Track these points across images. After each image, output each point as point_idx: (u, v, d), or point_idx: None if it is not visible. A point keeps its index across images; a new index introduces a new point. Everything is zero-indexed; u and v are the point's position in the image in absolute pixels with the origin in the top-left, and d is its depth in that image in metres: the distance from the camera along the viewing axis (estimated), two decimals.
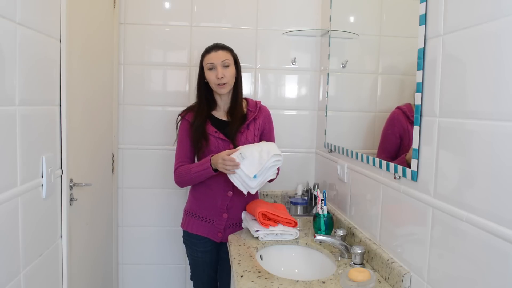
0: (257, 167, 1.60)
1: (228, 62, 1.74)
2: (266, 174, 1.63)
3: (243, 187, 1.65)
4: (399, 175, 1.23)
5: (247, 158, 1.60)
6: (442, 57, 1.01)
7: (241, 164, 1.59)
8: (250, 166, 1.60)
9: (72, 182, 1.52)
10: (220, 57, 1.73)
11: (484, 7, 0.86)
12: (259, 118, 1.83)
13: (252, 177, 1.60)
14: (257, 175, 1.60)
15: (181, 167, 1.78)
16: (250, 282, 1.26)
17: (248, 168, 1.60)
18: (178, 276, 2.32)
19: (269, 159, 1.61)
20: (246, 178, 1.61)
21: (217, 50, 1.75)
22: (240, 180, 1.63)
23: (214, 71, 1.73)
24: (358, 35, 1.74)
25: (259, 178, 1.62)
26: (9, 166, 1.06)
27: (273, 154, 1.62)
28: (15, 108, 1.08)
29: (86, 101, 1.72)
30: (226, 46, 1.79)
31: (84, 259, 1.74)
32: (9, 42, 1.03)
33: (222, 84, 1.73)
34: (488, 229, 0.83)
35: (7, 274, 1.06)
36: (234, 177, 1.64)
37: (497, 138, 0.82)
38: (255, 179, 1.61)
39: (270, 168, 1.63)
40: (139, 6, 2.16)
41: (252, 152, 1.62)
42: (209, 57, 1.74)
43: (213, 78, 1.73)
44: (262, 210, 1.64)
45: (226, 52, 1.76)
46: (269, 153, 1.62)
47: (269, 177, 1.66)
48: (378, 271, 1.32)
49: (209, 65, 1.73)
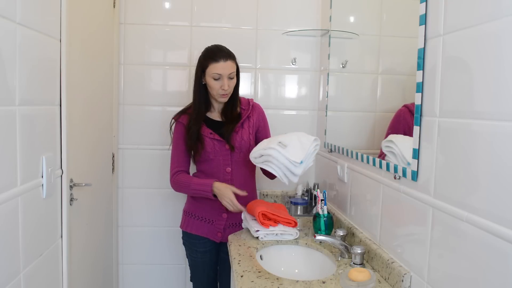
0: (301, 152, 1.54)
1: (234, 75, 1.73)
2: (309, 160, 1.58)
3: (285, 176, 1.58)
4: (399, 175, 1.23)
5: (288, 145, 1.54)
6: (442, 57, 1.01)
7: (284, 151, 1.53)
8: (294, 152, 1.53)
9: (72, 182, 1.52)
10: (229, 69, 1.70)
11: (484, 7, 0.86)
12: (253, 115, 1.83)
13: (299, 163, 1.53)
14: (303, 161, 1.54)
15: (181, 176, 1.78)
16: (250, 282, 1.26)
17: (293, 154, 1.53)
18: (178, 276, 2.32)
19: (311, 144, 1.56)
20: (291, 165, 1.54)
21: (225, 60, 1.69)
22: (283, 168, 1.56)
23: (219, 81, 1.70)
24: (358, 35, 1.74)
25: (304, 164, 1.56)
26: (9, 166, 1.06)
27: (313, 139, 1.58)
28: (15, 108, 1.08)
29: (86, 101, 1.72)
30: (232, 54, 1.74)
31: (84, 259, 1.74)
32: (9, 42, 1.03)
33: (225, 95, 1.73)
34: (488, 229, 0.83)
35: (7, 274, 1.06)
36: (274, 167, 1.57)
37: (498, 138, 0.82)
38: (301, 165, 1.55)
39: (312, 154, 1.58)
40: (139, 6, 2.16)
41: (292, 139, 1.57)
42: (217, 66, 1.68)
43: (217, 88, 1.71)
44: (262, 210, 1.63)
45: (233, 63, 1.72)
46: (309, 139, 1.58)
47: (310, 164, 1.60)
48: (378, 271, 1.32)
49: (216, 75, 1.69)
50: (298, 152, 1.54)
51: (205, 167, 1.79)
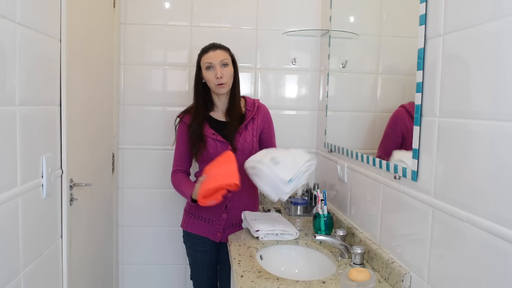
0: (292, 171, 1.53)
1: (227, 61, 1.73)
2: (300, 179, 1.56)
3: (274, 193, 1.56)
4: (399, 175, 1.23)
5: (281, 163, 1.53)
6: (442, 57, 1.01)
7: (275, 168, 1.53)
8: (284, 170, 1.53)
9: (72, 182, 1.52)
10: (219, 57, 1.72)
11: (484, 7, 0.86)
12: (258, 117, 1.82)
13: (287, 181, 1.52)
14: (293, 179, 1.53)
15: (178, 175, 1.81)
16: (250, 282, 1.26)
17: (283, 172, 1.52)
18: (178, 276, 2.32)
19: (303, 163, 1.55)
20: (281, 182, 1.53)
21: (215, 49, 1.73)
22: (273, 185, 1.55)
23: (212, 71, 1.72)
24: (358, 35, 1.74)
25: (294, 182, 1.55)
26: (9, 166, 1.06)
27: (307, 159, 1.57)
28: (15, 108, 1.08)
29: (86, 101, 1.72)
30: (223, 46, 1.77)
31: (84, 259, 1.74)
32: (9, 42, 1.03)
33: (221, 84, 1.73)
34: (488, 229, 0.83)
35: (7, 274, 1.06)
36: (264, 183, 1.56)
37: (498, 138, 0.82)
38: (289, 183, 1.53)
39: (304, 173, 1.57)
40: (139, 6, 2.17)
41: (285, 156, 1.57)
42: (207, 56, 1.73)
43: (211, 78, 1.72)
44: (201, 193, 1.57)
45: (224, 52, 1.75)
46: (303, 158, 1.57)
47: (302, 182, 1.59)
48: (378, 271, 1.32)
49: (207, 64, 1.72)
50: (289, 170, 1.53)
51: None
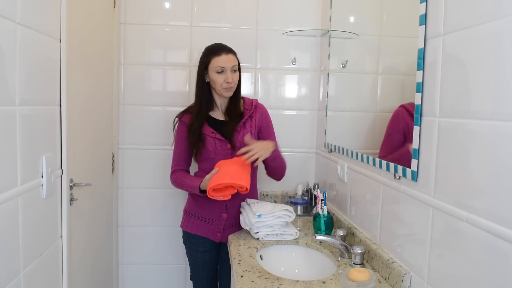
0: (265, 210, 1.65)
1: (237, 67, 1.77)
2: (271, 221, 1.64)
3: (244, 222, 1.70)
4: (399, 175, 1.23)
5: (261, 208, 1.68)
6: (442, 57, 1.01)
7: (253, 206, 1.70)
8: (259, 208, 1.68)
9: (72, 182, 1.52)
10: (231, 62, 1.73)
11: (484, 7, 0.86)
12: (255, 115, 1.83)
13: (256, 216, 1.63)
14: (262, 215, 1.63)
15: (178, 173, 1.82)
16: (250, 282, 1.26)
17: (257, 208, 1.67)
18: (178, 276, 2.32)
19: (280, 209, 1.66)
20: (251, 214, 1.66)
21: (227, 53, 1.74)
22: (246, 216, 1.69)
23: (223, 75, 1.72)
24: (358, 35, 1.74)
25: (262, 219, 1.63)
26: (9, 166, 1.06)
27: (285, 208, 1.67)
28: (15, 108, 1.08)
29: (86, 101, 1.72)
30: (233, 50, 1.78)
31: (84, 259, 1.74)
32: (9, 42, 1.03)
33: (229, 88, 1.74)
34: (488, 229, 0.83)
35: (7, 274, 1.06)
36: (242, 215, 1.73)
37: (498, 138, 0.82)
38: (258, 218, 1.63)
39: (277, 218, 1.65)
40: (139, 6, 2.16)
41: (266, 204, 1.72)
42: (220, 60, 1.72)
43: (220, 81, 1.72)
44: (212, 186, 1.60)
45: (235, 57, 1.77)
46: (282, 206, 1.69)
47: (273, 223, 1.65)
48: (378, 271, 1.32)
49: (219, 68, 1.72)
50: (261, 209, 1.66)
51: (206, 166, 1.79)
